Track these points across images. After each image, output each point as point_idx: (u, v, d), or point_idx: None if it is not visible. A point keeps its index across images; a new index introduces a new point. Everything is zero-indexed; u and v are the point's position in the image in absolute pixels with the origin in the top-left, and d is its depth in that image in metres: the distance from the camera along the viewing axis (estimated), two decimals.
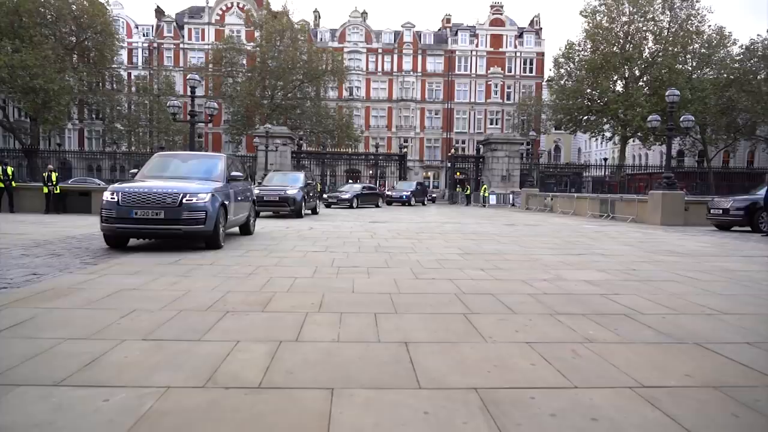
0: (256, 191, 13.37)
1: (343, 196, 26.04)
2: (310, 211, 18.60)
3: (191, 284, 5.11)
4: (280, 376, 2.71)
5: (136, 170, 8.94)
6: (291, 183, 17.90)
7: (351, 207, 25.24)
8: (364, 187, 28.81)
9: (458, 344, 3.33)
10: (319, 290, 4.94)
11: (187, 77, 19.65)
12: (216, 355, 2.98)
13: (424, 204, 34.14)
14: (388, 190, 35.17)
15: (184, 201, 7.25)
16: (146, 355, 2.99)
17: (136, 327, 3.55)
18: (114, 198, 7.21)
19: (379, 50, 55.66)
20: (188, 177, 8.38)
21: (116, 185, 7.76)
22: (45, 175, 17.40)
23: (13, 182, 17.26)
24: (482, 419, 2.25)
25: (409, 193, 31.99)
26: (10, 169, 17.08)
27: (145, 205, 7.15)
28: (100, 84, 43.59)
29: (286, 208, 16.52)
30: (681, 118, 19.18)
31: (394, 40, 55.79)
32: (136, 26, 54.90)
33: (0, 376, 2.61)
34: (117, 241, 7.78)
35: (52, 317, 3.77)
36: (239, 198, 9.23)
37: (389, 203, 31.39)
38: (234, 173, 9.09)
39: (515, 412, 2.31)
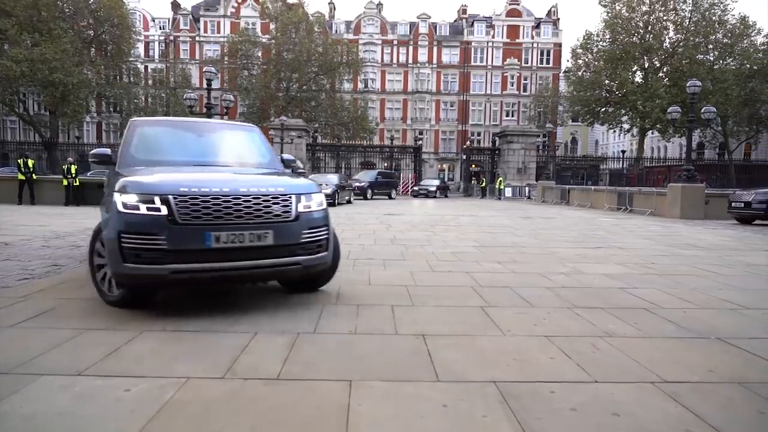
0: None
1: (325, 191, 19.96)
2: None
3: None
4: (299, 367, 2.72)
5: (106, 152, 4.76)
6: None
7: (333, 204, 19.74)
8: (341, 177, 24.48)
9: (476, 337, 3.31)
10: (334, 281, 4.94)
11: (203, 70, 19.82)
12: (235, 347, 3.00)
13: (390, 197, 29.74)
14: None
15: (301, 209, 3.95)
16: (166, 345, 3.02)
17: (155, 317, 3.58)
18: (160, 209, 3.49)
19: (395, 42, 55.35)
20: (227, 164, 4.85)
21: (143, 179, 3.80)
22: (64, 167, 17.68)
23: (33, 175, 17.54)
24: (502, 413, 2.23)
25: (364, 184, 27.82)
26: (30, 162, 17.37)
27: (236, 222, 3.62)
28: (118, 77, 43.99)
29: None
30: (702, 110, 18.81)
31: (410, 32, 55.43)
32: (153, 19, 55.27)
33: (24, 366, 2.65)
34: (142, 294, 3.86)
35: (73, 308, 3.82)
36: None
37: None
38: (285, 157, 5.50)
39: (535, 406, 2.29)
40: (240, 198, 3.68)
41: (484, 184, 37.04)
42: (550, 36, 56.21)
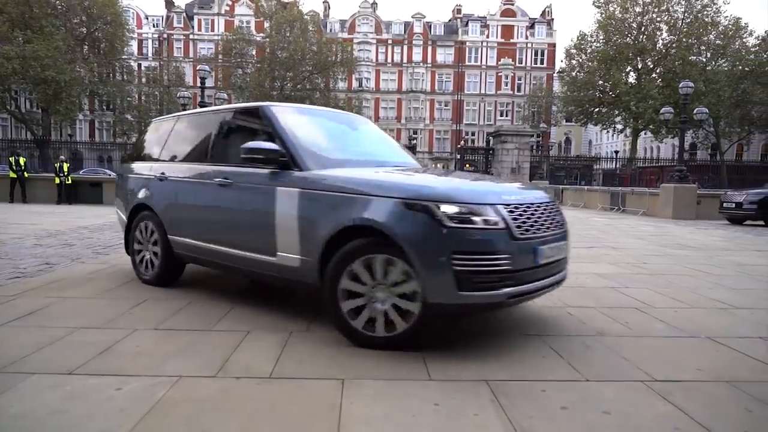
0: None
1: None
2: None
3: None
4: (291, 366, 2.72)
5: (273, 147, 3.49)
6: None
7: None
8: None
9: (469, 336, 3.32)
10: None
11: (197, 68, 19.72)
12: (227, 345, 3.00)
13: None
14: None
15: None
16: (158, 344, 3.01)
17: (147, 316, 3.57)
18: (497, 223, 2.87)
19: (389, 41, 55.36)
20: (400, 163, 4.21)
21: (456, 185, 3.32)
22: (57, 165, 17.57)
23: (25, 173, 17.44)
24: (493, 411, 2.24)
25: None
26: (22, 160, 17.26)
27: (552, 234, 3.23)
28: (111, 75, 43.72)
29: None
30: (694, 111, 18.97)
31: (404, 31, 55.44)
32: (146, 17, 55.01)
33: (14, 365, 2.64)
34: (420, 332, 3.03)
35: (64, 306, 3.81)
36: None
37: None
38: None
39: (526, 405, 2.31)
40: (541, 206, 3.24)
41: None
42: (544, 36, 56.39)
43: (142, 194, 4.73)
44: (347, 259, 3.02)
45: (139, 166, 5.02)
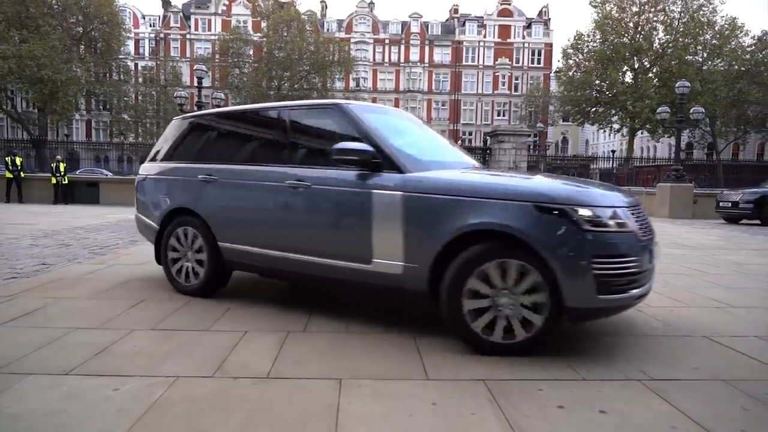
0: None
1: None
2: None
3: None
4: (289, 366, 2.72)
5: (367, 148, 3.27)
6: None
7: None
8: None
9: None
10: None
11: (194, 68, 19.68)
12: (224, 345, 3.00)
13: None
14: None
15: None
16: (155, 344, 3.01)
17: (145, 316, 3.57)
18: (626, 225, 2.91)
19: (386, 41, 55.35)
20: (468, 164, 4.09)
21: (580, 189, 3.03)
22: (53, 165, 17.53)
23: (21, 173, 17.40)
24: (491, 410, 2.25)
25: None
26: (18, 160, 17.22)
27: (653, 236, 3.25)
28: (107, 75, 43.56)
29: None
30: (691, 110, 19.01)
31: (402, 31, 55.45)
32: (143, 17, 54.90)
33: (11, 365, 2.63)
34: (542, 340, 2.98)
35: (61, 307, 3.80)
36: None
37: None
38: None
39: (523, 404, 2.31)
40: (639, 208, 3.23)
41: None
42: (541, 36, 56.47)
43: (181, 197, 4.30)
44: (473, 263, 2.91)
45: (172, 167, 4.50)
